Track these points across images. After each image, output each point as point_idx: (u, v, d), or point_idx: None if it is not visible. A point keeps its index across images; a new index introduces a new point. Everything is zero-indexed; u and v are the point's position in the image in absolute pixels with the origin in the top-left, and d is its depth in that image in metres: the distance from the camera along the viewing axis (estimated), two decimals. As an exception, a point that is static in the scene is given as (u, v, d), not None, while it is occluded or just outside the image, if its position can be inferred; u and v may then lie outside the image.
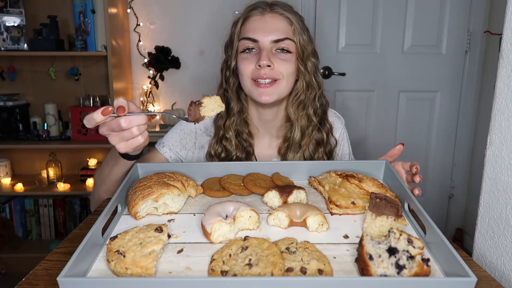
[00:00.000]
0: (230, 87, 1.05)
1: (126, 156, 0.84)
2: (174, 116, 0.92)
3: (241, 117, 1.07)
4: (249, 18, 1.00)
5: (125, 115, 0.71)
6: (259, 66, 0.95)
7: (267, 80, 0.97)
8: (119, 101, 0.72)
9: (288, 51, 0.98)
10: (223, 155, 1.06)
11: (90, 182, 2.34)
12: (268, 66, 0.96)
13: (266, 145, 1.12)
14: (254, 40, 0.97)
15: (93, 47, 2.19)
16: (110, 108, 0.71)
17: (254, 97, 1.00)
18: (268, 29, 0.96)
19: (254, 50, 0.98)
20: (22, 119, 2.38)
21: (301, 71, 1.01)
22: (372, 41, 2.44)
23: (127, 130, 0.73)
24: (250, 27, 0.98)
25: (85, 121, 0.73)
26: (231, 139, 1.05)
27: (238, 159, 1.05)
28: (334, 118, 1.17)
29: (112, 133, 0.74)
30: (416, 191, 0.86)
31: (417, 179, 0.87)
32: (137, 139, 0.75)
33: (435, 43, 2.44)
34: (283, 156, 1.08)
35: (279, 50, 0.98)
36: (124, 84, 2.36)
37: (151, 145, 1.04)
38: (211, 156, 1.07)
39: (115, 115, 0.72)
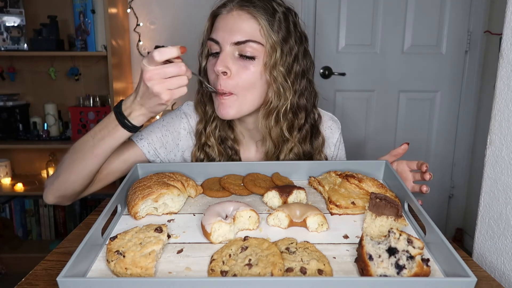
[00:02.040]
0: (204, 90, 0.96)
1: (127, 125, 0.79)
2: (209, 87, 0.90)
3: (224, 122, 0.99)
4: (217, 16, 0.90)
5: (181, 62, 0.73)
6: (216, 73, 0.86)
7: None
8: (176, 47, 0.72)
9: (252, 58, 0.85)
10: (205, 162, 0.98)
11: (90, 182, 2.34)
12: (224, 73, 0.85)
13: (252, 152, 1.04)
14: (216, 42, 0.87)
15: (93, 47, 2.19)
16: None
17: (215, 110, 0.92)
18: (229, 30, 0.85)
19: (219, 53, 0.87)
20: (22, 119, 2.38)
21: (267, 80, 0.88)
22: (372, 41, 2.44)
23: (179, 77, 0.73)
24: (215, 26, 0.89)
25: (155, 53, 0.69)
26: (213, 146, 0.97)
27: None
28: (332, 123, 1.08)
29: (160, 80, 0.72)
30: (424, 188, 0.87)
31: (427, 176, 0.87)
32: (183, 89, 0.74)
33: (435, 43, 2.44)
34: None
35: (241, 56, 0.86)
36: (124, 84, 2.36)
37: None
38: None
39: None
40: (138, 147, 0.95)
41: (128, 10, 2.40)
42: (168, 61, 0.72)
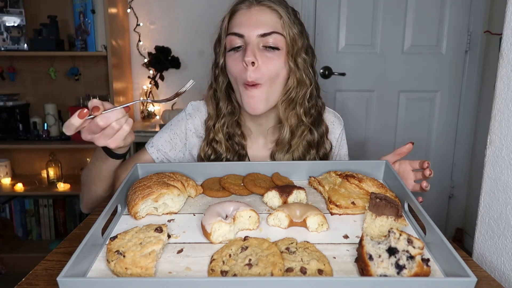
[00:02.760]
0: (219, 86, 1.00)
1: (113, 154, 0.85)
2: (148, 101, 0.97)
3: (232, 119, 1.02)
4: (235, 12, 0.94)
5: (100, 114, 0.72)
6: (245, 63, 0.90)
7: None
8: (93, 102, 0.72)
9: (276, 48, 0.92)
10: (212, 157, 1.02)
11: (90, 182, 2.34)
12: (253, 63, 0.90)
13: (260, 146, 1.08)
14: (240, 35, 0.92)
15: (93, 47, 2.19)
16: (85, 110, 0.71)
17: (245, 108, 0.96)
18: (254, 23, 0.91)
19: (242, 47, 0.93)
20: (22, 119, 2.38)
21: (291, 67, 0.94)
22: (372, 41, 2.44)
23: (108, 128, 0.73)
24: (236, 21, 0.93)
25: (64, 129, 0.72)
26: (221, 142, 1.01)
27: (228, 161, 1.02)
28: (334, 118, 1.13)
29: (95, 136, 0.75)
30: (424, 184, 0.89)
31: (427, 172, 0.87)
32: (121, 131, 0.75)
33: (435, 43, 2.44)
34: (273, 158, 1.04)
35: (266, 47, 0.92)
36: (124, 84, 2.36)
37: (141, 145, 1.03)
38: (201, 159, 1.04)
39: (92, 116, 0.72)
40: (148, 153, 1.04)
41: (128, 10, 2.40)
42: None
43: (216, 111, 1.02)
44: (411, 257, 0.52)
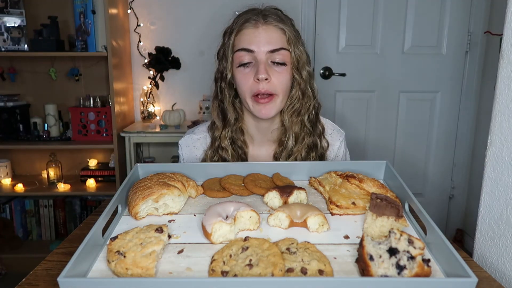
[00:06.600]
0: (226, 98, 1.04)
1: None
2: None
3: (236, 126, 1.06)
4: (242, 30, 0.97)
5: None
6: (258, 79, 0.95)
7: (265, 94, 0.97)
8: None
9: (284, 63, 0.97)
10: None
11: (90, 182, 2.33)
12: (266, 79, 0.95)
13: (262, 151, 1.11)
14: (250, 51, 0.95)
15: (94, 48, 2.19)
16: None
17: (254, 113, 1.00)
18: (263, 40, 0.95)
19: (251, 63, 0.97)
20: (23, 119, 2.38)
21: (297, 80, 1.00)
22: (372, 41, 2.44)
23: None
24: (244, 38, 0.97)
25: None
26: (227, 149, 1.05)
27: None
28: (333, 131, 1.15)
29: None
30: None
31: None
32: None
33: (435, 43, 2.44)
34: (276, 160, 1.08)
35: (275, 62, 0.97)
36: (124, 85, 2.36)
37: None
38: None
39: None
40: None
41: (129, 11, 2.40)
42: None
43: (223, 122, 1.05)
44: (411, 258, 0.52)
